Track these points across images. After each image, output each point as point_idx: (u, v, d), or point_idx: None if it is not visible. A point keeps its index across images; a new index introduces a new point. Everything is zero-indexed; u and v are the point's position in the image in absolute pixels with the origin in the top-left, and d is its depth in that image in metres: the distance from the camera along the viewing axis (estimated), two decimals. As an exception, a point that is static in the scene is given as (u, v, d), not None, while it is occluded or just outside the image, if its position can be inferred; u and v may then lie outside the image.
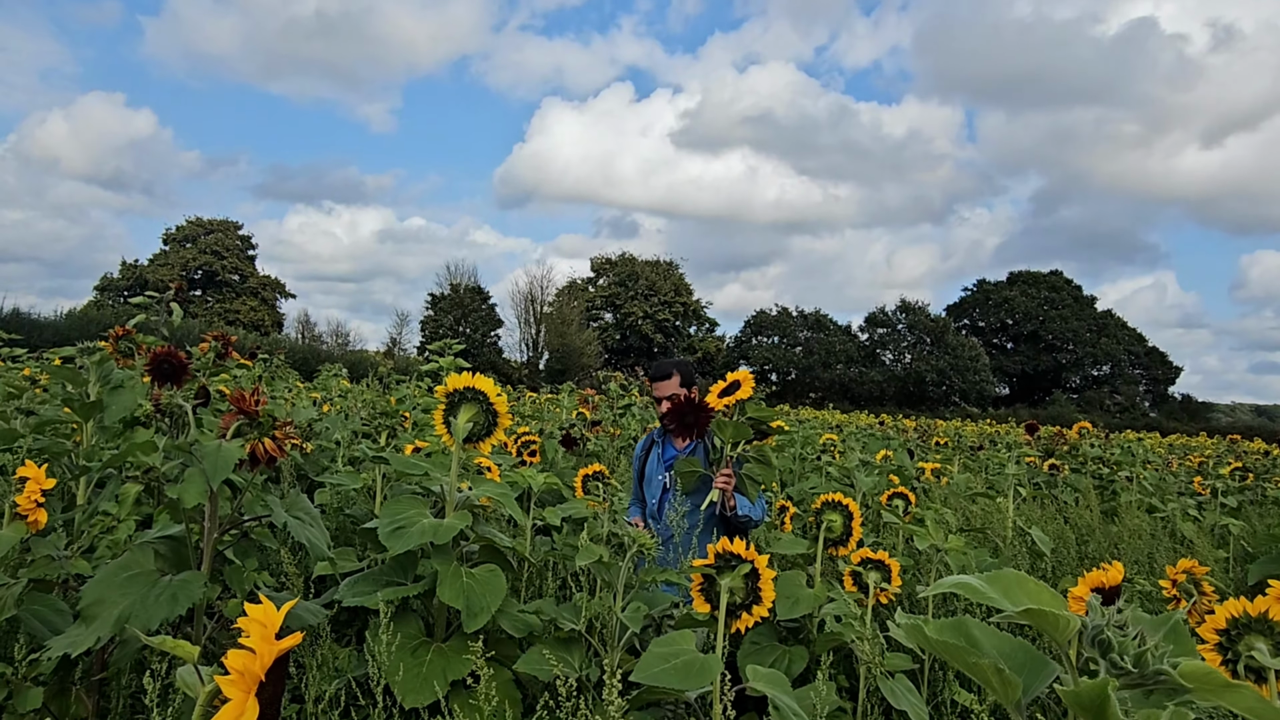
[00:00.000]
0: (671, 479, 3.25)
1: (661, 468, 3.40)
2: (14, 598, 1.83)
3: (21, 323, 22.88)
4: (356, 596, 2.28)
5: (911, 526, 2.79)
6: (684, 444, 3.40)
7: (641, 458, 3.54)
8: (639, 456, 3.56)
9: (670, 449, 3.45)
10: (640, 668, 1.56)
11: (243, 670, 0.95)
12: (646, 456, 3.50)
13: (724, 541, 1.70)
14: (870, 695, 2.18)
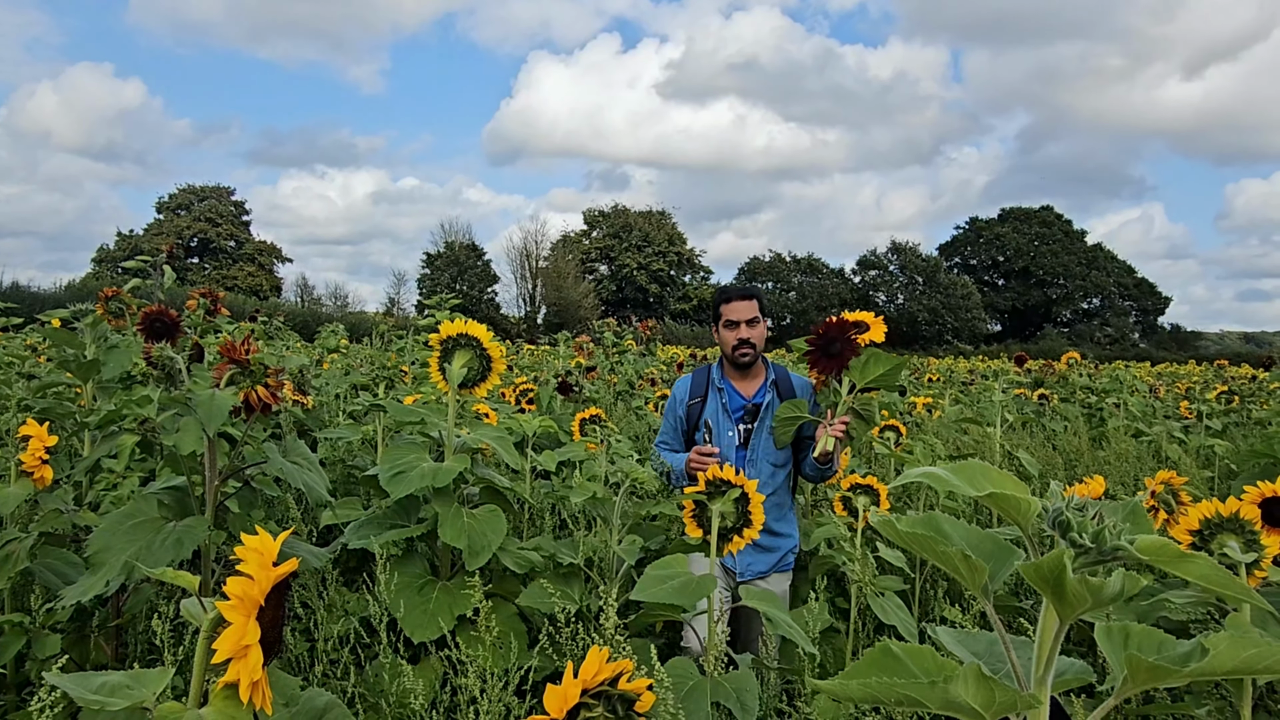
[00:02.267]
0: (752, 432, 2.71)
1: (731, 420, 2.75)
2: (26, 551, 1.88)
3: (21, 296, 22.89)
4: (361, 540, 2.34)
5: (902, 455, 2.85)
6: (754, 389, 2.78)
7: (692, 405, 2.82)
8: (683, 402, 2.84)
9: (737, 396, 2.78)
10: (639, 588, 1.62)
11: (242, 595, 0.99)
12: (702, 405, 2.79)
13: (713, 469, 1.75)
14: (862, 613, 2.26)
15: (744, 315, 2.72)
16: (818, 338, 2.40)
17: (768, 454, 2.68)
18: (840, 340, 2.37)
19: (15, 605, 2.04)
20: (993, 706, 0.69)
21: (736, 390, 2.79)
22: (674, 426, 2.88)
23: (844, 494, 2.43)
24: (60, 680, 1.07)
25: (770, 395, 2.73)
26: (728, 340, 2.73)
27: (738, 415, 2.75)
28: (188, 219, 47.82)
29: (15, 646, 1.83)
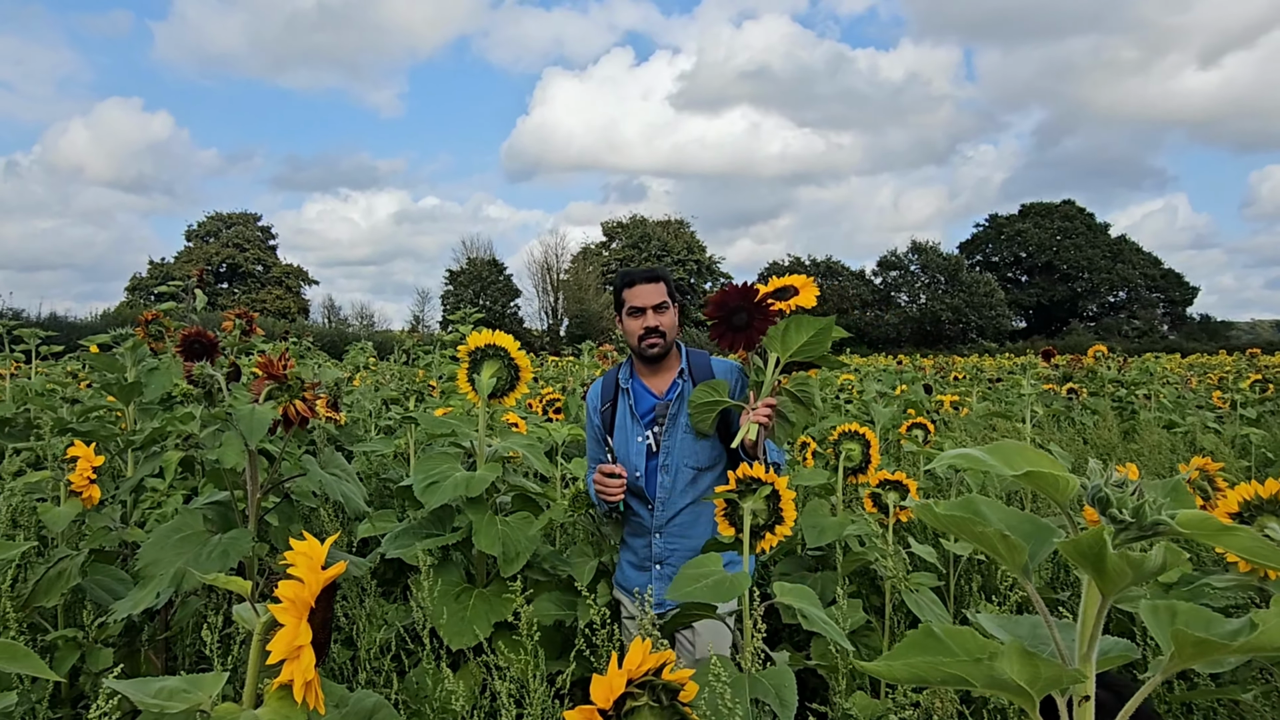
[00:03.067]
0: (660, 436, 2.36)
1: (639, 426, 2.38)
2: (78, 568, 1.93)
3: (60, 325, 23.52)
4: (398, 549, 2.37)
5: (931, 451, 2.84)
6: (665, 386, 2.41)
7: (604, 411, 2.49)
8: (598, 410, 2.51)
9: (647, 396, 2.41)
10: (674, 588, 1.63)
11: (294, 598, 1.02)
12: (612, 411, 2.46)
13: (743, 467, 1.76)
14: (896, 610, 2.25)
15: (650, 300, 2.36)
16: (716, 307, 2.02)
17: (686, 456, 2.31)
18: (748, 308, 1.99)
19: (68, 621, 2.09)
20: (1038, 682, 0.70)
21: (647, 389, 2.42)
22: (595, 439, 2.52)
23: (873, 490, 2.43)
24: (120, 685, 1.11)
25: (683, 387, 2.36)
26: (633, 330, 2.36)
27: (647, 418, 2.39)
28: (216, 245, 48.82)
29: (70, 660, 1.88)
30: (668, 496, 2.29)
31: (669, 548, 2.30)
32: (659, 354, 2.36)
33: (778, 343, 1.96)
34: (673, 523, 2.31)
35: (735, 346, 2.01)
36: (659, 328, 2.35)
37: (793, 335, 1.95)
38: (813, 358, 2.00)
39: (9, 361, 4.03)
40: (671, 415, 2.34)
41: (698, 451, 2.31)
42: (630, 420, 2.40)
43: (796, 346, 1.95)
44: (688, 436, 2.30)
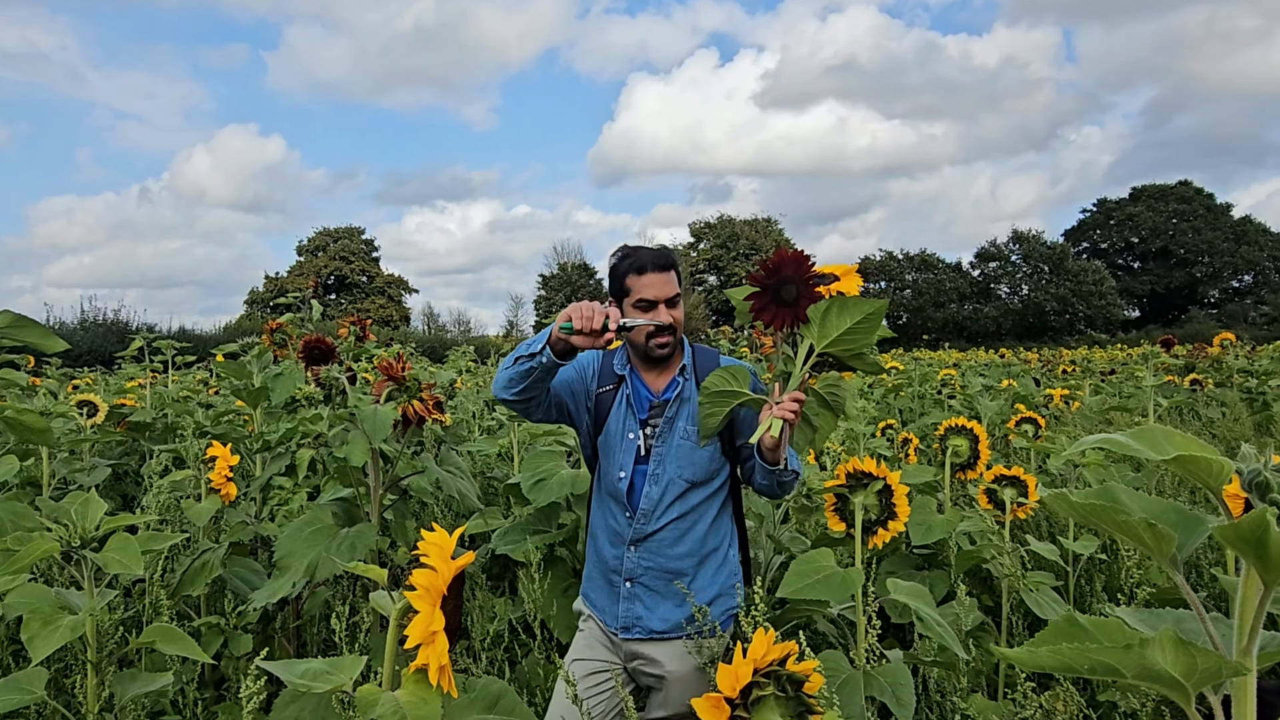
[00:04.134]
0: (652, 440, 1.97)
1: (634, 420, 2.00)
2: (219, 559, 2.07)
3: (188, 338, 25.46)
4: (507, 545, 2.45)
5: (1044, 445, 2.73)
6: (663, 385, 2.03)
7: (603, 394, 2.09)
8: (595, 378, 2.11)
9: (645, 389, 2.04)
10: (785, 584, 1.63)
11: (428, 586, 1.07)
12: (611, 398, 2.07)
13: (853, 461, 1.74)
14: (1014, 610, 2.17)
15: (664, 292, 1.96)
16: (766, 274, 1.69)
17: (680, 467, 1.94)
18: (797, 281, 1.68)
19: (209, 609, 2.25)
20: (1194, 675, 0.67)
21: (643, 382, 2.05)
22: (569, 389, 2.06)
23: (988, 486, 2.35)
24: (270, 665, 1.19)
25: (684, 387, 2.00)
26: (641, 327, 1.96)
27: (644, 414, 2.01)
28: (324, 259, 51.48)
29: (214, 645, 2.03)
30: (652, 509, 1.93)
31: (643, 564, 1.94)
32: (668, 356, 1.99)
33: (815, 327, 1.66)
34: (652, 538, 1.93)
35: (779, 325, 1.68)
36: (671, 325, 1.96)
37: (834, 319, 1.64)
38: (853, 351, 1.69)
39: (147, 371, 4.38)
40: (668, 419, 1.96)
41: (695, 462, 1.94)
42: (626, 412, 2.01)
43: (837, 334, 1.65)
44: (685, 444, 1.94)
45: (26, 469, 3.02)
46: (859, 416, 4.36)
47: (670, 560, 1.93)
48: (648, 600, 1.93)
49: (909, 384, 6.20)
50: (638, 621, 1.92)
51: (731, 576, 1.98)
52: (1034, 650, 0.69)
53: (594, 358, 2.10)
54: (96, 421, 3.53)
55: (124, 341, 4.78)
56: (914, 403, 5.97)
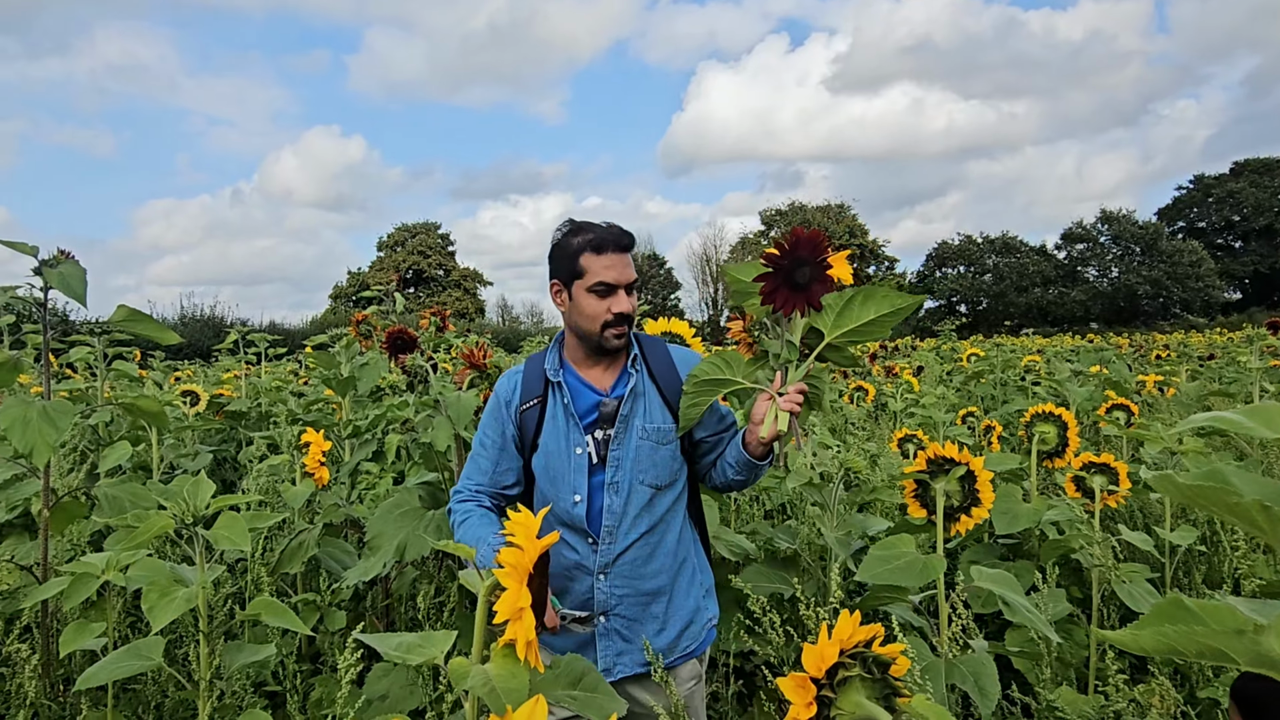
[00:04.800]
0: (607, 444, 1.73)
1: (576, 430, 1.75)
2: (314, 540, 2.18)
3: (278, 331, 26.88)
4: (585, 529, 2.50)
5: (1138, 432, 2.62)
6: (611, 380, 1.79)
7: (527, 410, 1.80)
8: (514, 407, 1.81)
9: (586, 392, 1.78)
10: (863, 569, 1.61)
11: (515, 564, 1.10)
12: (540, 413, 1.79)
13: (934, 446, 1.70)
14: (1106, 601, 2.10)
15: (624, 276, 1.73)
16: (783, 254, 1.52)
17: (642, 471, 1.73)
18: (811, 263, 1.52)
19: (305, 586, 2.37)
20: (1309, 662, 0.64)
21: (585, 382, 1.79)
22: (497, 446, 1.81)
23: (1076, 474, 2.27)
24: (367, 638, 1.24)
25: (637, 379, 1.77)
26: (595, 313, 1.71)
27: (588, 420, 1.76)
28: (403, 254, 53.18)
29: (311, 621, 2.13)
30: (616, 524, 1.70)
31: (617, 593, 1.70)
32: (621, 348, 1.77)
33: (832, 315, 1.54)
34: (622, 560, 1.71)
35: (790, 309, 1.53)
36: (629, 314, 1.74)
37: (858, 309, 1.52)
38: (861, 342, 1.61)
39: (242, 363, 4.62)
40: (624, 417, 1.74)
41: (657, 464, 1.73)
42: (565, 423, 1.75)
43: (856, 325, 1.54)
44: (645, 445, 1.73)
45: (138, 454, 3.22)
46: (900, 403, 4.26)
47: (646, 580, 1.72)
48: (627, 633, 1.71)
49: (990, 370, 6.01)
50: (619, 659, 1.70)
51: (704, 580, 1.84)
52: (1137, 633, 0.67)
53: (511, 385, 1.85)
54: (199, 410, 3.74)
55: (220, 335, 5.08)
56: (996, 390, 5.79)
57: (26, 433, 1.64)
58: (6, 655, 1.63)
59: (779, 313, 1.55)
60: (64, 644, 1.53)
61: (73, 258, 1.73)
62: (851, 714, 0.95)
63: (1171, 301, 48.55)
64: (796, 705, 0.94)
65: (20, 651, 1.57)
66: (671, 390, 1.78)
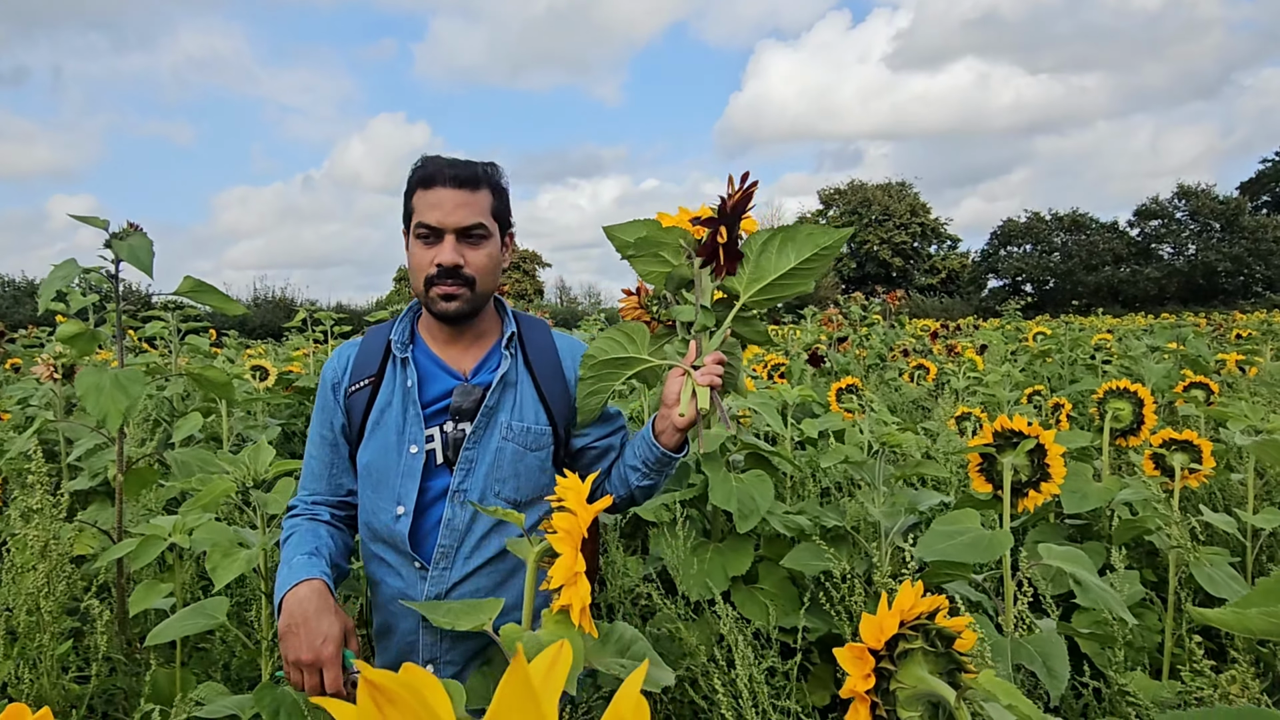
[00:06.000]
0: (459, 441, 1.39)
1: (418, 422, 1.39)
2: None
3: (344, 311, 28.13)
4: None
5: (1220, 411, 2.48)
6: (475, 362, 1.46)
7: (356, 392, 1.45)
8: (341, 388, 1.47)
9: (439, 374, 1.44)
10: (923, 544, 1.56)
11: (568, 529, 1.10)
12: (371, 394, 1.43)
13: (1002, 419, 1.63)
14: (1182, 585, 2.01)
15: (454, 218, 1.37)
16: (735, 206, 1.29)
17: (500, 481, 1.39)
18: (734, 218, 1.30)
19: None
20: None
21: (439, 362, 1.45)
22: (328, 443, 1.47)
23: (1155, 451, 2.17)
24: (417, 605, 1.26)
25: (510, 365, 1.44)
26: (420, 266, 1.40)
27: (434, 410, 1.41)
28: (459, 235, 54.73)
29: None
30: (456, 544, 1.36)
31: (448, 634, 1.38)
32: (458, 314, 1.40)
33: (748, 266, 1.27)
34: (460, 591, 1.38)
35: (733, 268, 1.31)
36: (461, 269, 1.37)
37: (774, 256, 1.24)
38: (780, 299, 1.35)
39: (310, 341, 4.75)
40: (488, 410, 1.39)
41: (520, 473, 1.40)
42: (402, 412, 1.40)
43: (775, 276, 1.26)
44: (509, 447, 1.39)
45: (209, 425, 3.33)
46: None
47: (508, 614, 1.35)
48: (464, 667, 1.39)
49: (1058, 349, 5.80)
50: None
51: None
52: (1240, 611, 0.62)
53: (341, 362, 1.50)
54: (268, 384, 3.85)
55: (290, 316, 5.27)
56: (1064, 369, 5.58)
57: (100, 399, 1.70)
58: (84, 610, 1.70)
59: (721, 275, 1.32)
60: (134, 603, 1.59)
61: (140, 230, 1.78)
62: (913, 688, 0.92)
63: (1253, 280, 46.23)
64: (854, 677, 0.92)
65: (94, 608, 1.64)
66: (550, 384, 1.45)
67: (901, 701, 0.89)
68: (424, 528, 1.39)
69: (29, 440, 2.09)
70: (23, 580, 1.70)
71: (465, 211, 1.38)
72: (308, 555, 1.34)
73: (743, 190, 1.31)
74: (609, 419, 1.58)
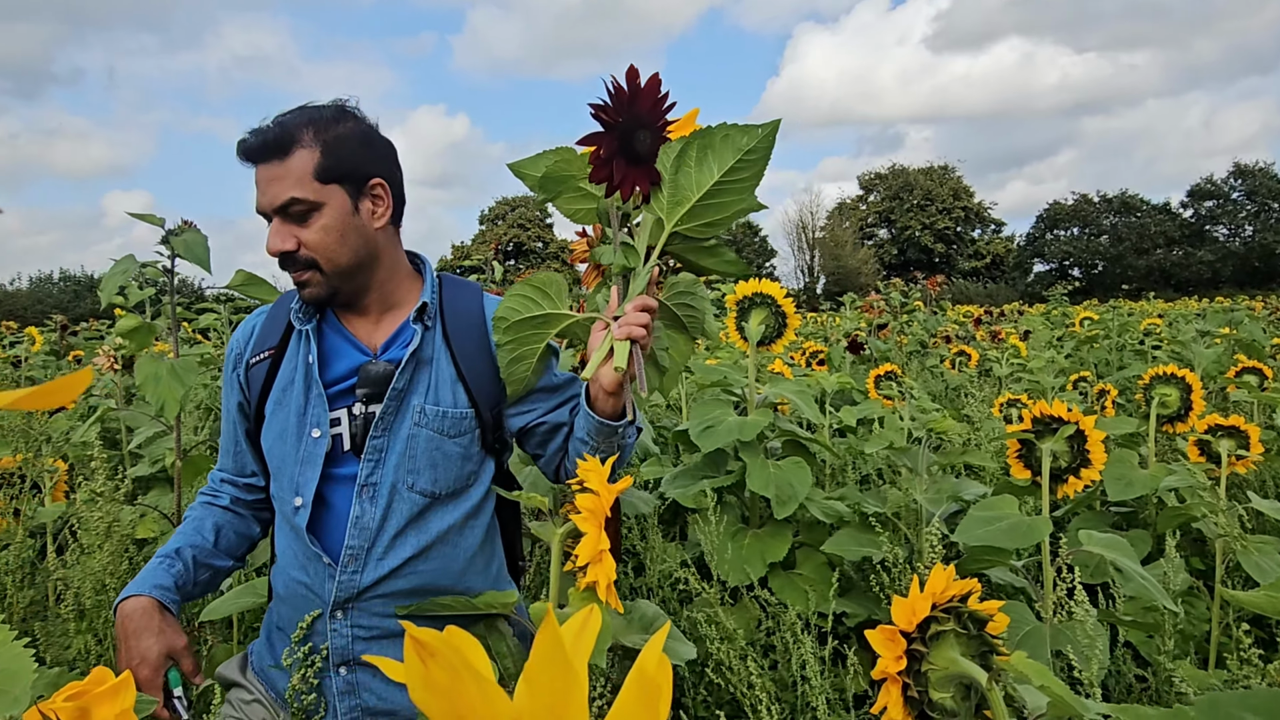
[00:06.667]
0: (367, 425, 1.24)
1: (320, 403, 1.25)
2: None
3: None
4: (677, 489, 2.51)
5: (1272, 396, 2.42)
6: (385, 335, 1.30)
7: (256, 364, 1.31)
8: (244, 361, 1.33)
9: (347, 349, 1.29)
10: (962, 530, 1.56)
11: (592, 509, 1.13)
12: (271, 369, 1.29)
13: (1041, 404, 1.62)
14: (1230, 573, 1.97)
15: (269, 197, 1.20)
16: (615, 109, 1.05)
17: (414, 471, 1.25)
18: (652, 125, 1.08)
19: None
20: None
21: (348, 335, 1.30)
22: (231, 419, 1.36)
23: (1201, 437, 2.12)
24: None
25: (424, 339, 1.28)
26: (271, 249, 1.24)
27: (340, 389, 1.26)
28: (504, 227, 55.02)
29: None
30: (367, 544, 1.22)
31: (361, 636, 1.23)
32: (317, 300, 1.26)
33: (665, 188, 1.05)
34: (372, 595, 1.23)
35: (628, 190, 1.08)
36: (296, 253, 1.21)
37: (693, 169, 1.02)
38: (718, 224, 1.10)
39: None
40: (396, 391, 1.24)
41: (437, 463, 1.25)
42: (303, 390, 1.26)
43: (699, 196, 1.03)
44: (423, 433, 1.24)
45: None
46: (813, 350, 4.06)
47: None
48: (382, 695, 1.23)
49: (1105, 335, 5.68)
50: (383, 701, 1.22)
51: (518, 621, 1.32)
52: (1275, 595, 0.63)
53: (245, 334, 1.36)
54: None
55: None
56: (1111, 355, 5.46)
57: (158, 388, 1.77)
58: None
59: (613, 196, 1.09)
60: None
61: (195, 226, 1.85)
62: (945, 670, 0.93)
63: (1316, 261, 44.55)
64: (885, 658, 0.93)
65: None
66: (472, 360, 1.28)
67: (933, 683, 0.91)
68: (330, 520, 1.25)
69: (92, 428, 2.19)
70: (88, 561, 1.78)
71: (277, 187, 1.19)
72: (162, 559, 1.24)
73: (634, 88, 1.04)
74: (555, 389, 1.34)
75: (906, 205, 51.93)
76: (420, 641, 0.24)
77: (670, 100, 1.08)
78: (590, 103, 1.03)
